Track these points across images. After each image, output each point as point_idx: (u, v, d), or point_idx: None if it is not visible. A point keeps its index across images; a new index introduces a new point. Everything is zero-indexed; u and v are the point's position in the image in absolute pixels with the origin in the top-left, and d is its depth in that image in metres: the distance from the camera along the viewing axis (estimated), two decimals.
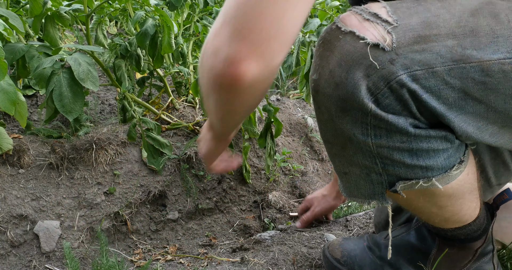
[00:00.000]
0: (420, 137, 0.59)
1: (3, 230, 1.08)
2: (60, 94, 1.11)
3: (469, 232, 0.77)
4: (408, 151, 0.61)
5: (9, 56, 1.16)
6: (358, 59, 0.56)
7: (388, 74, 0.55)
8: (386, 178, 0.66)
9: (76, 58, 1.14)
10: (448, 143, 0.61)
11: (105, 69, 1.40)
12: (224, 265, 1.08)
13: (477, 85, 0.56)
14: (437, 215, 0.72)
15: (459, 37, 0.55)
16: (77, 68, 1.12)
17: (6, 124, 1.47)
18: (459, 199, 0.69)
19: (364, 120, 0.58)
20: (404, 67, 0.55)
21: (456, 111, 0.58)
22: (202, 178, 1.46)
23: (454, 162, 0.64)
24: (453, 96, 0.57)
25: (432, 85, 0.56)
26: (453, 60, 0.55)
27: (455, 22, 0.56)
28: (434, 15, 0.56)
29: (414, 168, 0.63)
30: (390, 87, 0.55)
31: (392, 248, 0.90)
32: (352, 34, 0.57)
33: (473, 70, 0.55)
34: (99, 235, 1.04)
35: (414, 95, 0.56)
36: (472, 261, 0.82)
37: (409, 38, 0.55)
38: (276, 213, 1.50)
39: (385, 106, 0.57)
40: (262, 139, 1.43)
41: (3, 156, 1.17)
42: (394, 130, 0.58)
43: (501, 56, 0.55)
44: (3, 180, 1.14)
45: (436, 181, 0.63)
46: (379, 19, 0.57)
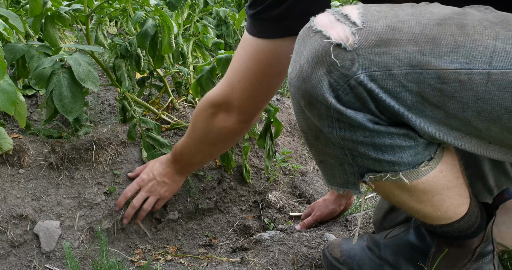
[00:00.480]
0: (380, 133, 0.62)
1: (3, 230, 1.08)
2: (60, 94, 1.11)
3: (460, 229, 0.78)
4: (371, 145, 0.64)
5: (8, 56, 1.16)
6: (323, 57, 0.60)
7: (347, 72, 0.59)
8: (357, 169, 0.69)
9: (76, 58, 1.14)
10: (412, 141, 0.64)
11: (105, 69, 1.39)
12: (224, 265, 1.08)
13: (434, 91, 0.59)
14: (418, 210, 0.74)
15: (420, 44, 0.58)
16: (77, 68, 1.12)
17: (6, 124, 1.47)
18: (436, 195, 0.71)
19: (328, 114, 0.62)
20: (363, 67, 0.59)
21: (415, 113, 0.61)
22: (202, 178, 1.46)
23: (422, 159, 0.66)
24: (410, 99, 0.60)
25: (390, 86, 0.59)
26: (410, 65, 0.58)
27: (419, 30, 0.58)
28: (401, 21, 0.59)
29: (381, 162, 0.65)
30: (349, 84, 0.59)
31: (391, 247, 0.91)
32: (320, 33, 0.61)
33: (429, 76, 0.58)
34: (99, 235, 1.04)
35: (371, 94, 0.60)
36: (472, 261, 0.82)
37: (371, 40, 0.59)
38: (276, 213, 1.50)
39: (346, 102, 0.61)
40: (261, 139, 1.42)
41: (3, 156, 1.17)
42: (355, 124, 0.62)
43: (458, 66, 0.57)
44: (3, 180, 1.14)
45: (403, 176, 0.66)
46: (348, 20, 0.60)
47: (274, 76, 0.94)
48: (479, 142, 0.64)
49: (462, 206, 0.75)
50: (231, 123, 1.02)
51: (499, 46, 0.56)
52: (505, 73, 0.56)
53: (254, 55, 0.91)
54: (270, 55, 0.89)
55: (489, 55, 0.56)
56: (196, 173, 1.46)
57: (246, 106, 0.99)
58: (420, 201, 0.72)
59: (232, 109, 0.99)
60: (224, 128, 1.03)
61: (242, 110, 1.00)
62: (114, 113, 1.73)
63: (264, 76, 0.93)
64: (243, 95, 0.96)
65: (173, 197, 1.41)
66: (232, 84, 0.97)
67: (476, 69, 0.57)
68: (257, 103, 1.01)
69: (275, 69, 0.91)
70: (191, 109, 1.65)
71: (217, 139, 1.10)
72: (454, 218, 0.76)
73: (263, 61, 0.90)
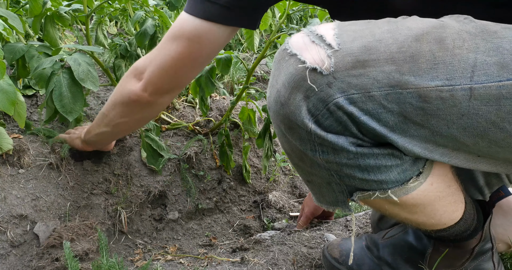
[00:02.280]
0: (364, 155, 0.61)
1: (3, 230, 1.08)
2: (60, 94, 1.11)
3: (456, 233, 0.77)
4: (356, 167, 0.62)
5: (8, 56, 1.16)
6: (299, 82, 0.58)
7: (326, 97, 0.57)
8: (345, 188, 0.67)
9: (76, 58, 1.13)
10: (397, 159, 0.62)
11: (105, 69, 1.40)
12: (224, 265, 1.08)
13: (416, 111, 0.57)
14: (411, 220, 0.73)
15: (398, 62, 0.56)
16: (77, 68, 1.12)
17: (6, 124, 1.47)
18: (428, 206, 0.69)
19: (309, 138, 0.61)
20: (341, 90, 0.57)
21: (399, 133, 0.59)
22: (202, 178, 1.46)
23: (411, 175, 0.65)
24: (393, 120, 0.58)
25: (370, 108, 0.57)
26: (390, 86, 0.56)
27: (396, 48, 0.56)
28: (377, 39, 0.57)
29: (368, 181, 0.64)
30: (328, 109, 0.58)
31: (389, 248, 0.91)
32: (295, 57, 0.59)
33: (410, 96, 0.56)
34: (99, 235, 1.04)
35: (352, 117, 0.58)
36: (470, 259, 0.82)
37: (347, 62, 0.57)
38: (276, 213, 1.50)
39: (326, 127, 0.59)
40: (260, 139, 1.42)
41: (3, 156, 1.17)
42: (337, 148, 0.60)
43: (439, 83, 0.55)
44: (3, 180, 1.14)
45: (392, 193, 0.65)
46: (323, 42, 0.58)
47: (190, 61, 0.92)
48: (467, 156, 0.62)
49: (457, 212, 0.75)
50: (137, 89, 0.98)
51: (480, 59, 0.54)
52: (488, 87, 0.54)
53: (175, 26, 0.89)
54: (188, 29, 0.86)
55: (470, 69, 0.54)
56: (196, 173, 1.46)
57: (155, 77, 0.96)
58: (412, 213, 0.70)
59: (143, 76, 0.97)
60: (131, 92, 0.99)
61: (150, 80, 0.96)
62: None
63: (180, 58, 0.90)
64: (155, 67, 0.94)
65: (173, 197, 1.41)
66: (153, 52, 0.95)
67: (458, 85, 0.55)
68: (166, 81, 0.97)
69: (193, 52, 0.89)
70: (191, 109, 1.65)
71: (122, 103, 1.04)
72: (449, 224, 0.75)
73: (181, 32, 0.87)
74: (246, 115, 1.50)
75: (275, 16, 1.85)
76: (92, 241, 1.15)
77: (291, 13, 1.32)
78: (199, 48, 0.88)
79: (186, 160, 1.45)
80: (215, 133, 1.54)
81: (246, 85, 1.40)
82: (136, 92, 0.99)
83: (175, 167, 1.44)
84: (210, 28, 0.84)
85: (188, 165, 1.45)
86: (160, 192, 1.39)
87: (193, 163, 1.46)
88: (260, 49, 2.46)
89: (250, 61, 2.42)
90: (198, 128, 1.56)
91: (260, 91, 1.39)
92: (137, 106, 1.02)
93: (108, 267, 0.96)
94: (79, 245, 1.12)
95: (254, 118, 1.50)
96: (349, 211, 0.72)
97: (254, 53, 2.53)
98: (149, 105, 1.02)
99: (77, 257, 1.09)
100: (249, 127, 1.51)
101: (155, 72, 0.94)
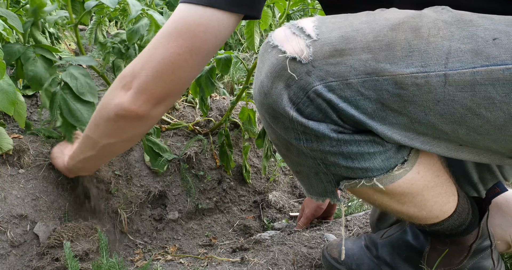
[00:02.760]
0: (346, 141, 0.62)
1: (3, 230, 1.08)
2: (69, 111, 1.12)
3: (451, 227, 0.78)
4: (340, 154, 0.63)
5: (6, 57, 1.16)
6: (280, 71, 0.60)
7: (305, 85, 0.59)
8: (333, 177, 0.68)
9: (71, 73, 1.14)
10: (380, 146, 0.63)
11: (101, 75, 1.39)
12: (224, 265, 1.08)
13: (393, 97, 0.58)
14: (402, 211, 0.73)
15: (375, 51, 0.58)
16: (74, 84, 1.13)
17: (6, 124, 1.47)
18: (417, 196, 0.70)
19: (293, 127, 0.62)
20: (320, 78, 0.59)
21: (378, 121, 0.60)
22: (202, 178, 1.46)
23: (395, 162, 0.65)
24: (371, 107, 0.59)
25: (348, 95, 0.59)
26: (366, 73, 0.58)
27: (372, 37, 0.58)
28: (355, 29, 0.59)
29: (354, 169, 0.65)
30: (308, 96, 0.60)
31: (388, 247, 0.91)
32: (276, 48, 0.61)
33: (386, 83, 0.58)
34: (100, 235, 1.04)
35: (331, 104, 0.59)
36: (468, 257, 0.82)
37: (325, 51, 0.59)
38: (276, 213, 1.50)
39: (308, 114, 0.61)
40: (260, 139, 1.43)
41: (3, 156, 1.17)
42: (319, 135, 0.62)
43: (414, 70, 0.57)
44: (3, 180, 1.14)
45: (378, 181, 0.66)
46: (303, 33, 0.61)
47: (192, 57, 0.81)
48: (449, 145, 0.63)
49: (449, 204, 0.75)
50: (125, 101, 0.84)
51: (454, 47, 0.56)
52: (462, 73, 0.55)
53: (174, 19, 0.80)
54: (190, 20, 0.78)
55: (444, 56, 0.56)
56: (196, 173, 1.46)
57: (149, 83, 0.83)
58: (401, 203, 0.71)
59: (132, 84, 0.84)
60: (117, 106, 0.86)
61: (142, 88, 0.83)
62: None
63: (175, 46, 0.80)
64: (150, 70, 0.82)
65: (173, 197, 1.41)
66: (144, 55, 0.83)
67: (433, 72, 0.56)
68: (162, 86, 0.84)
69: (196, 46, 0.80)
70: (191, 109, 1.65)
71: (107, 120, 0.90)
72: (442, 217, 0.75)
73: (181, 24, 0.79)
74: (246, 115, 1.50)
75: (275, 16, 1.85)
76: (92, 241, 1.15)
77: (291, 13, 1.32)
78: (202, 39, 0.79)
79: (186, 160, 1.45)
80: (215, 133, 1.54)
81: (246, 85, 1.40)
82: (124, 105, 0.85)
83: (175, 167, 1.44)
84: (214, 15, 0.77)
85: (188, 165, 1.45)
86: (160, 192, 1.39)
87: (193, 163, 1.46)
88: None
89: (250, 61, 2.42)
90: (198, 128, 1.56)
91: None
92: (126, 123, 0.88)
93: (108, 267, 0.96)
94: (79, 245, 1.12)
95: (254, 118, 1.50)
96: (337, 201, 0.73)
97: (254, 53, 2.54)
98: (139, 120, 0.87)
99: (77, 257, 1.09)
100: (249, 127, 1.51)
101: (149, 76, 0.82)
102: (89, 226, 1.19)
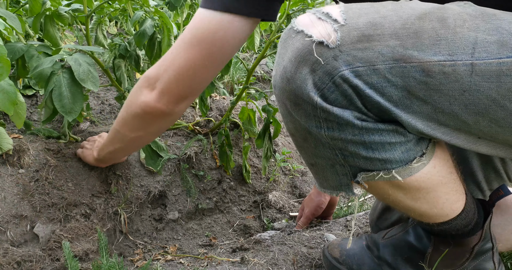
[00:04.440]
0: (369, 130, 0.62)
1: (3, 230, 1.08)
2: (59, 94, 1.11)
3: (458, 227, 0.78)
4: (361, 144, 0.63)
5: (8, 55, 1.16)
6: (305, 55, 0.60)
7: (331, 69, 0.59)
8: (349, 169, 0.68)
9: (76, 59, 1.13)
10: (401, 136, 0.63)
11: (105, 69, 1.39)
12: (224, 265, 1.08)
13: (419, 85, 0.58)
14: (414, 208, 0.73)
15: (402, 38, 0.58)
16: (77, 68, 1.11)
17: (6, 124, 1.47)
18: (431, 192, 0.70)
19: (315, 114, 0.62)
20: (347, 63, 0.58)
21: (402, 109, 0.60)
22: (202, 178, 1.46)
23: (414, 155, 0.66)
24: (397, 94, 0.59)
25: (375, 81, 0.59)
26: (394, 59, 0.58)
27: (400, 24, 0.58)
28: (382, 16, 0.59)
29: (373, 160, 0.65)
30: (334, 82, 0.59)
31: (390, 247, 0.91)
32: (302, 33, 0.61)
33: (413, 70, 0.58)
34: (99, 235, 1.04)
35: (357, 90, 0.59)
36: (470, 259, 0.82)
37: (353, 36, 0.58)
38: (276, 213, 1.50)
39: (332, 100, 0.60)
40: (260, 139, 1.43)
41: (3, 156, 1.17)
42: (342, 123, 0.61)
43: (441, 58, 0.57)
44: (3, 180, 1.14)
45: (396, 173, 0.66)
46: (329, 18, 0.60)
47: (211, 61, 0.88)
48: (468, 137, 0.63)
49: (458, 202, 0.75)
50: (151, 99, 0.93)
51: (481, 37, 0.57)
52: (488, 63, 0.56)
53: (194, 25, 0.85)
54: (208, 26, 0.83)
55: (471, 46, 0.57)
56: (196, 173, 1.46)
57: (171, 85, 0.91)
58: (415, 199, 0.71)
59: (157, 85, 0.92)
60: (144, 103, 0.94)
61: (166, 88, 0.92)
62: (114, 113, 1.73)
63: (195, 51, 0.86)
64: (172, 72, 0.89)
65: (173, 197, 1.41)
66: (167, 58, 0.91)
67: (460, 61, 0.57)
68: (184, 87, 0.92)
69: (215, 51, 0.85)
70: (191, 109, 1.65)
71: (135, 116, 0.99)
72: (451, 215, 0.76)
73: (201, 30, 0.84)
74: (246, 115, 1.50)
75: None
76: (92, 241, 1.15)
77: (291, 13, 1.32)
78: (221, 46, 0.85)
79: (186, 160, 1.45)
80: (215, 133, 1.54)
81: (246, 85, 1.40)
82: (150, 103, 0.94)
83: (175, 167, 1.44)
84: (232, 21, 0.81)
85: (188, 165, 1.45)
86: (160, 192, 1.39)
87: (193, 163, 1.46)
88: (260, 49, 2.46)
89: (250, 61, 2.42)
90: (198, 128, 1.56)
91: (260, 91, 1.39)
92: (152, 118, 0.97)
93: (108, 267, 0.96)
94: (79, 245, 1.12)
95: (254, 118, 1.50)
96: (352, 195, 0.72)
97: (254, 53, 2.54)
98: (164, 116, 0.96)
99: (77, 257, 1.09)
100: (249, 127, 1.51)
101: (172, 79, 0.89)
102: (89, 226, 1.19)
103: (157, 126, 1.02)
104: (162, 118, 0.97)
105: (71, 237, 1.14)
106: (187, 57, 0.86)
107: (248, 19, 0.82)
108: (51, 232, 1.13)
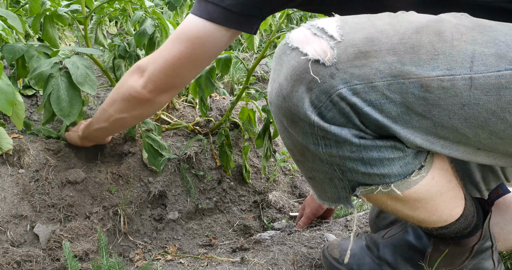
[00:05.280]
0: (367, 147, 0.61)
1: (3, 230, 1.08)
2: (57, 97, 1.11)
3: (457, 230, 0.78)
4: (359, 160, 0.62)
5: (8, 56, 1.16)
6: (301, 74, 0.59)
7: (329, 88, 0.58)
8: (348, 184, 0.67)
9: (74, 62, 1.13)
10: (400, 152, 0.63)
11: (104, 70, 1.39)
12: (224, 265, 1.08)
13: (418, 100, 0.57)
14: (412, 216, 0.73)
15: (400, 53, 0.57)
16: (75, 72, 1.12)
17: (6, 124, 1.47)
18: (430, 201, 0.70)
19: (312, 131, 0.61)
20: (344, 81, 0.57)
21: (401, 125, 0.59)
22: (202, 178, 1.46)
23: (413, 168, 0.65)
24: (395, 110, 0.58)
25: (373, 99, 0.58)
26: (392, 76, 0.57)
27: (397, 39, 0.57)
28: (379, 31, 0.58)
29: (371, 175, 0.64)
30: (332, 100, 0.58)
31: (390, 247, 0.91)
32: (297, 50, 0.60)
33: (412, 86, 0.57)
34: (99, 235, 1.04)
35: (355, 108, 0.58)
36: (470, 258, 0.82)
37: (350, 53, 0.57)
38: (276, 213, 1.50)
39: (329, 119, 0.59)
40: (259, 139, 1.42)
41: (3, 156, 1.17)
42: (340, 140, 0.60)
43: (439, 73, 0.56)
44: (3, 180, 1.14)
45: (395, 187, 0.65)
46: (325, 34, 0.59)
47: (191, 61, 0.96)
48: (467, 149, 0.63)
49: (457, 208, 0.75)
50: (138, 85, 1.01)
51: (478, 50, 0.56)
52: (487, 76, 0.55)
53: (183, 27, 0.94)
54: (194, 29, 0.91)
55: (469, 60, 0.56)
56: (196, 173, 1.46)
57: (156, 75, 1.00)
58: (414, 209, 0.71)
59: (145, 74, 1.01)
60: (131, 87, 1.03)
61: (151, 78, 1.00)
62: None
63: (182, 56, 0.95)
64: (157, 65, 0.98)
65: (173, 197, 1.41)
66: (156, 52, 1.00)
67: (458, 75, 0.56)
68: (166, 80, 1.01)
69: (195, 53, 0.94)
70: (191, 109, 1.65)
71: (122, 98, 1.07)
72: (450, 221, 0.75)
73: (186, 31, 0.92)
74: (246, 115, 1.50)
75: (275, 16, 1.85)
76: (92, 241, 1.15)
77: (291, 13, 1.32)
78: (201, 48, 0.92)
79: (186, 160, 1.45)
80: (215, 133, 1.54)
81: (246, 85, 1.40)
82: (137, 89, 1.02)
83: (175, 167, 1.44)
84: (213, 29, 0.88)
85: (188, 165, 1.45)
86: (160, 192, 1.39)
87: (193, 163, 1.46)
88: (260, 49, 2.46)
89: (250, 61, 2.42)
90: (198, 128, 1.56)
91: (260, 91, 1.39)
92: (136, 103, 1.05)
93: (108, 267, 0.96)
94: (79, 245, 1.12)
95: (254, 118, 1.50)
96: (351, 208, 0.72)
97: (254, 53, 2.53)
98: (147, 103, 1.05)
99: (77, 257, 1.09)
100: (249, 127, 1.51)
101: (156, 71, 0.98)
102: (89, 226, 1.19)
103: (139, 111, 1.10)
104: (145, 104, 1.06)
105: (71, 237, 1.14)
106: (173, 53, 0.94)
107: (227, 29, 0.88)
108: (51, 232, 1.13)
